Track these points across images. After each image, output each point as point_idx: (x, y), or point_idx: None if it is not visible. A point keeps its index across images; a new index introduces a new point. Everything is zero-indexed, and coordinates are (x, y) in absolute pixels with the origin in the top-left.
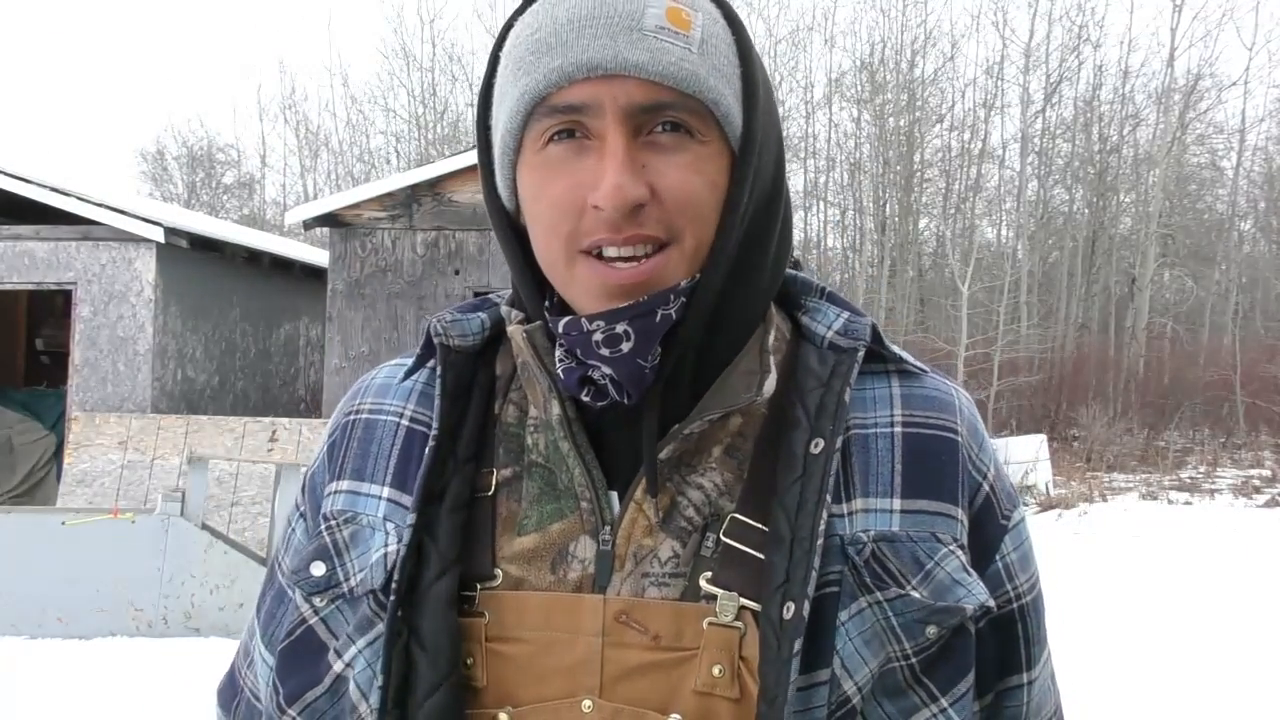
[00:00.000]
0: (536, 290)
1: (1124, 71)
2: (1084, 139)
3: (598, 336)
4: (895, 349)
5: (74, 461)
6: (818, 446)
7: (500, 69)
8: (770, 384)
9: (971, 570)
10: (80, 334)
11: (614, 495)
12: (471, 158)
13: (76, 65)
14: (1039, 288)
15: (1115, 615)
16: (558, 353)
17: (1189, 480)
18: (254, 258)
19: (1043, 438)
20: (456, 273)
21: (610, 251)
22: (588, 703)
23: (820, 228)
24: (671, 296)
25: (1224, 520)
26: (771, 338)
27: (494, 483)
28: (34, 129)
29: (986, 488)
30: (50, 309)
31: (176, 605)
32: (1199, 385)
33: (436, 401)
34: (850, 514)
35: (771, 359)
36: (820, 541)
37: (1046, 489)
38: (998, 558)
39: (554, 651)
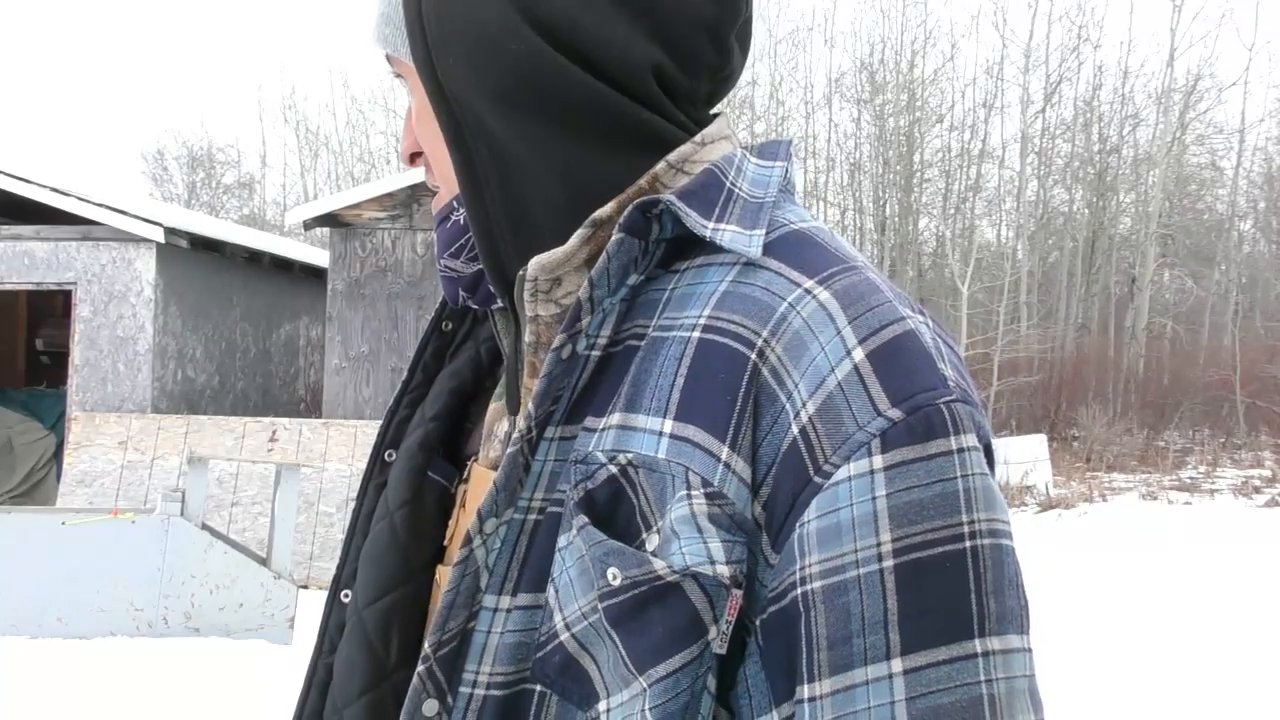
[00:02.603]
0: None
1: (1124, 71)
2: (1084, 139)
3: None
4: (727, 230)
5: (74, 461)
6: (567, 350)
7: None
8: (536, 262)
9: (710, 525)
10: (80, 334)
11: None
12: None
13: (77, 66)
14: (1039, 288)
15: (1115, 615)
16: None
17: (1189, 480)
18: (254, 258)
19: (1043, 438)
20: None
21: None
22: None
23: None
24: (455, 203)
25: (1224, 520)
26: (609, 209)
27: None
28: (36, 129)
29: (795, 427)
30: (50, 309)
31: (176, 605)
32: (1199, 385)
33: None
34: (604, 430)
35: (578, 233)
36: (514, 450)
37: (1046, 489)
38: (798, 525)
39: None
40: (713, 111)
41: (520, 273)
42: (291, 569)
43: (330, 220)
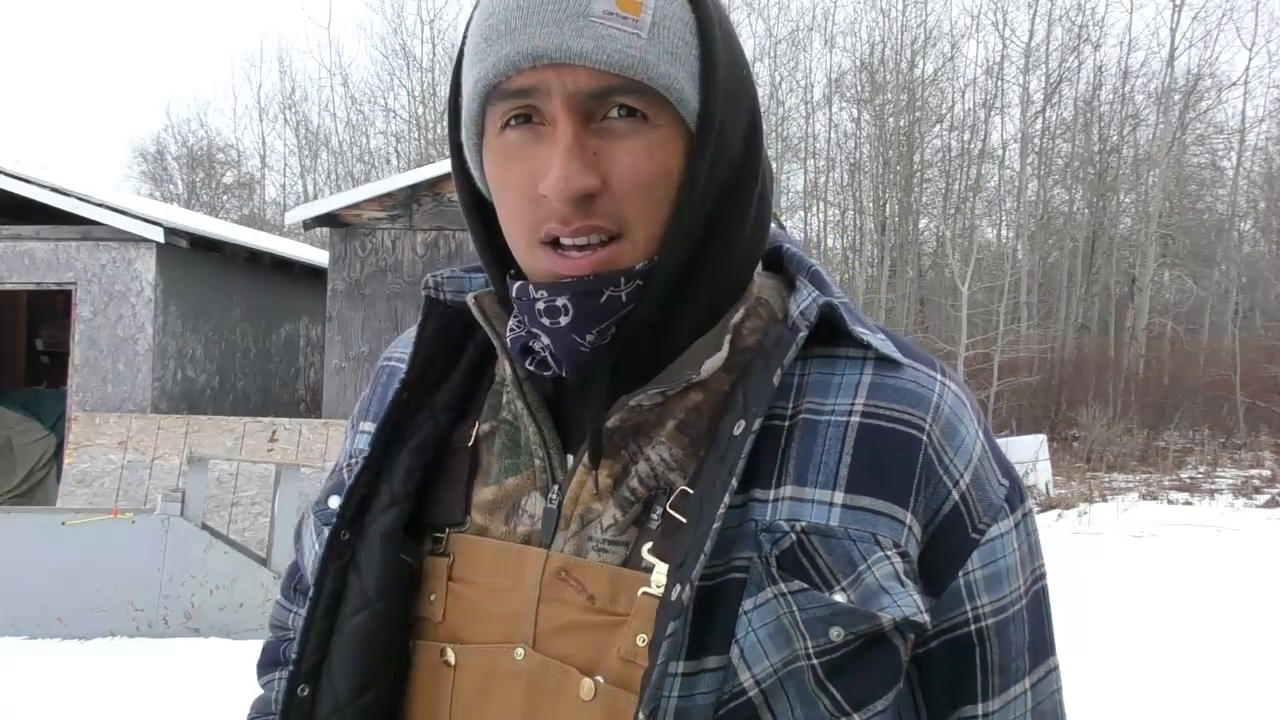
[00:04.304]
0: (497, 263)
1: (1124, 72)
2: (1084, 139)
3: (540, 305)
4: (867, 334)
5: (74, 461)
6: (739, 428)
7: (465, 52)
8: (712, 362)
9: (908, 580)
10: (80, 334)
11: (571, 458)
12: None
13: (77, 66)
14: (1039, 288)
15: (1115, 615)
16: (511, 320)
17: (1189, 480)
18: (254, 258)
19: (1043, 438)
20: None
21: (565, 240)
22: (520, 651)
23: (820, 228)
24: (622, 280)
25: (1224, 520)
26: (740, 315)
27: (474, 435)
28: (35, 129)
29: (955, 495)
30: (50, 309)
31: (176, 605)
32: (1199, 385)
33: (410, 348)
34: (777, 500)
35: (727, 337)
36: (717, 525)
37: (1046, 489)
38: (961, 574)
39: (498, 598)
40: None
41: (689, 373)
42: None
43: (330, 220)
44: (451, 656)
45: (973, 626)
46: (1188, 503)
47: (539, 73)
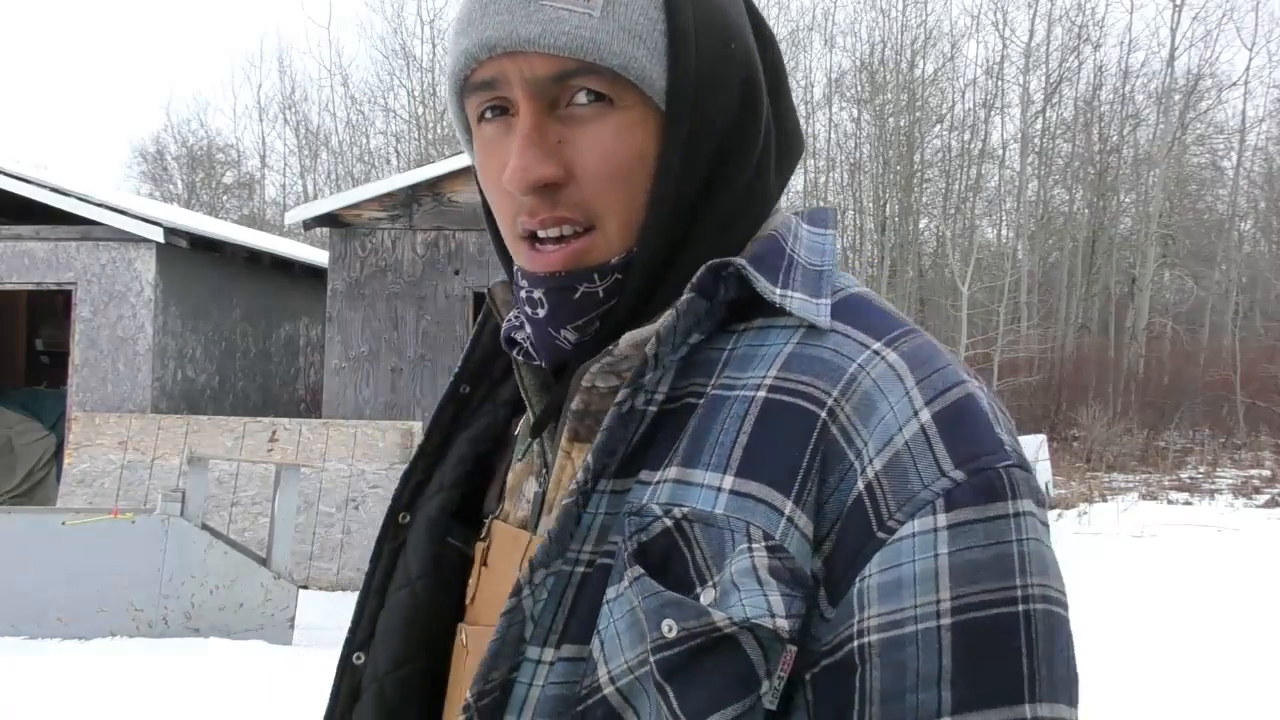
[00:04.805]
0: (506, 254)
1: (1124, 71)
2: (1084, 139)
3: (523, 295)
4: (787, 295)
5: (74, 461)
6: (625, 405)
7: None
8: (629, 337)
9: (770, 578)
10: (80, 334)
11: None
12: (471, 158)
13: (77, 66)
14: (1039, 288)
15: (1115, 615)
16: (513, 310)
17: (1189, 480)
18: (254, 258)
19: (1043, 438)
20: (456, 273)
21: (540, 234)
22: None
23: None
24: (596, 276)
25: (1224, 520)
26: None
27: (519, 424)
28: (35, 129)
29: (861, 484)
30: (50, 309)
31: (176, 605)
32: (1199, 385)
33: (466, 346)
34: (659, 483)
35: (668, 313)
36: (569, 501)
37: (1047, 489)
38: (858, 579)
39: (505, 582)
40: None
41: (610, 347)
42: (291, 569)
43: (330, 220)
44: (464, 638)
45: (854, 644)
46: (1188, 503)
47: (496, 63)
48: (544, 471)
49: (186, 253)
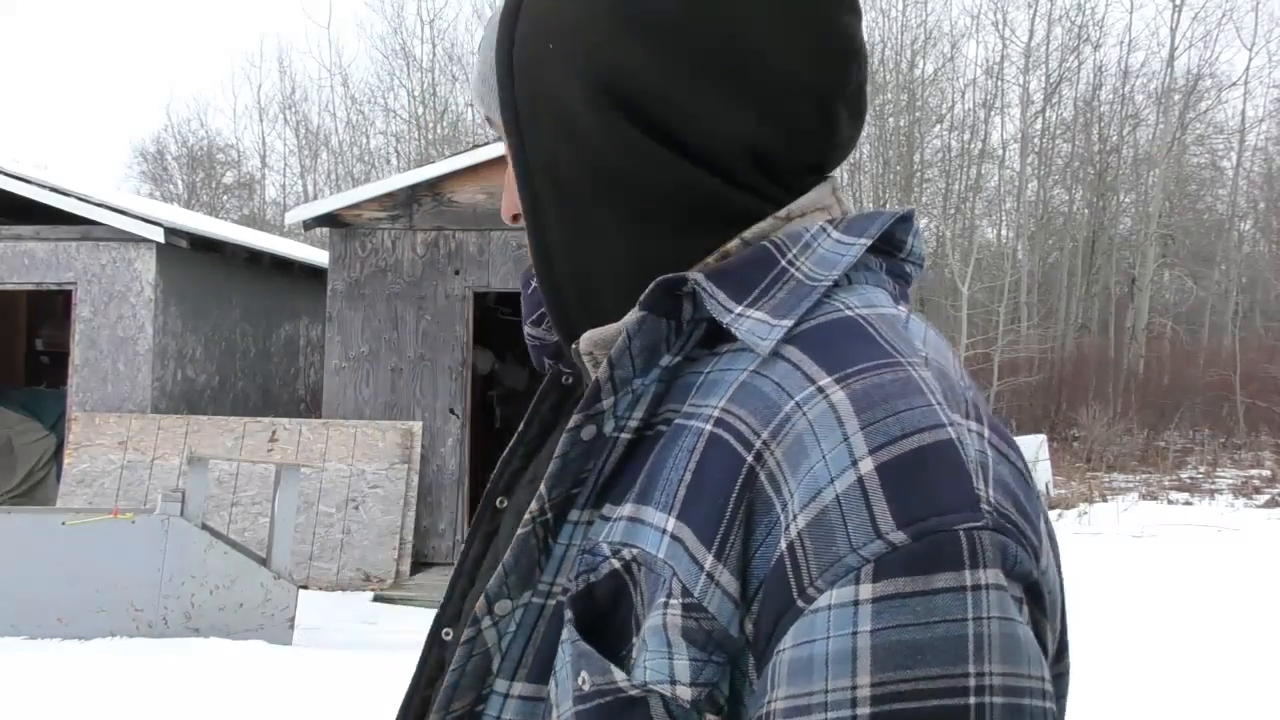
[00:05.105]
0: None
1: (1124, 71)
2: (1084, 139)
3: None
4: (739, 317)
5: (74, 461)
6: (582, 432)
7: None
8: (588, 338)
9: (681, 640)
10: (80, 334)
11: None
12: (471, 158)
13: (78, 65)
14: (1039, 288)
15: (1115, 615)
16: None
17: (1189, 480)
18: (254, 258)
19: (1043, 438)
20: (456, 273)
21: None
22: None
23: None
24: (532, 276)
25: (1224, 520)
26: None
27: None
28: (35, 129)
29: (783, 540)
30: (50, 309)
31: (176, 605)
32: (1199, 385)
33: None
34: (615, 519)
35: (620, 337)
36: (524, 532)
37: (1047, 489)
38: (775, 653)
39: None
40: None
41: (574, 345)
42: (291, 569)
43: (330, 220)
44: None
45: None
46: (1188, 503)
47: None
48: None
49: (187, 253)
